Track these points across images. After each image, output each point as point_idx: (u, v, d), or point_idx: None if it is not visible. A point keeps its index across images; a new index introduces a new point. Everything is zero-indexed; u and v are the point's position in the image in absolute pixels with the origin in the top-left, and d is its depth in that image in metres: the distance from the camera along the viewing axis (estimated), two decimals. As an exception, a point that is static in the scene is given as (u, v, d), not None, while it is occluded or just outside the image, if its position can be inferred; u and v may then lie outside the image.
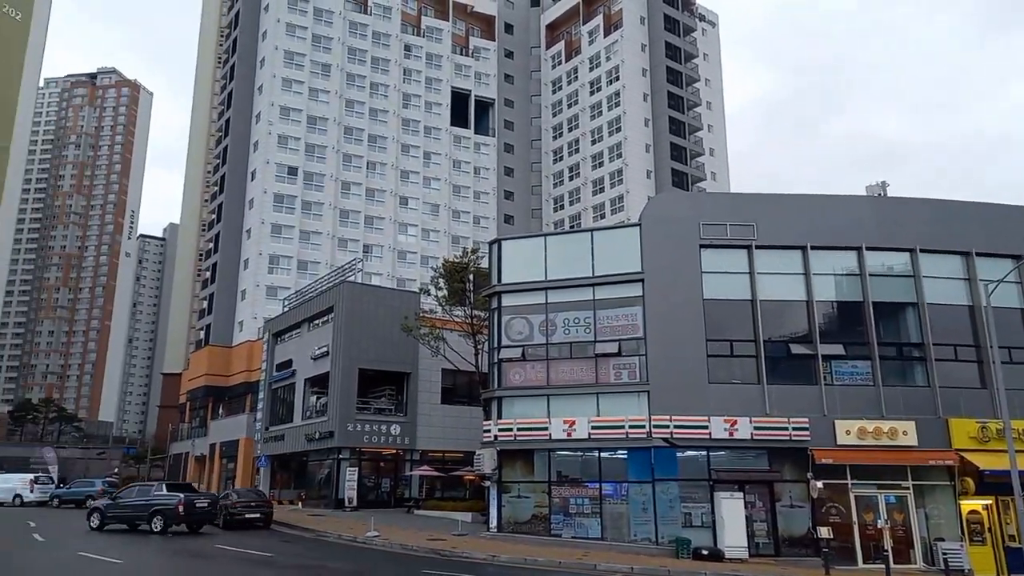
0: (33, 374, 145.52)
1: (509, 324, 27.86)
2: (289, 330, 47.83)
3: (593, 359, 26.46)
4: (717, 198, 39.62)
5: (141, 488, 28.36)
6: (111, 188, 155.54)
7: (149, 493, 26.96)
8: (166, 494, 26.45)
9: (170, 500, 25.96)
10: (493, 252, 29.10)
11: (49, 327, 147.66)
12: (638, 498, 25.26)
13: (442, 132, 76.17)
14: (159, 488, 27.34)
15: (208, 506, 27.42)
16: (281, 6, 69.57)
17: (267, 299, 61.93)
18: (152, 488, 27.68)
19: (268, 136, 66.47)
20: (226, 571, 18.93)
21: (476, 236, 71.52)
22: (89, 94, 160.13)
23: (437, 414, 41.42)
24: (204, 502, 27.19)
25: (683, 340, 25.43)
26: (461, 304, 37.09)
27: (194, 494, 27.53)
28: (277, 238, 64.88)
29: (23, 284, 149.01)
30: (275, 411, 47.82)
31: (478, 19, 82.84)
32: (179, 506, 25.61)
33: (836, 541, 23.22)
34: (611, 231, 30.97)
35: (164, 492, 26.70)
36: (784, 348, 25.91)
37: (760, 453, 25.11)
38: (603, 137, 77.18)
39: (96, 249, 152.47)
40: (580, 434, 25.77)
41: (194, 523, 26.68)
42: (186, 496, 26.35)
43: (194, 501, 26.45)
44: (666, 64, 77.67)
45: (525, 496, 26.94)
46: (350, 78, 72.05)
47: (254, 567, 19.14)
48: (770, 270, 26.32)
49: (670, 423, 24.81)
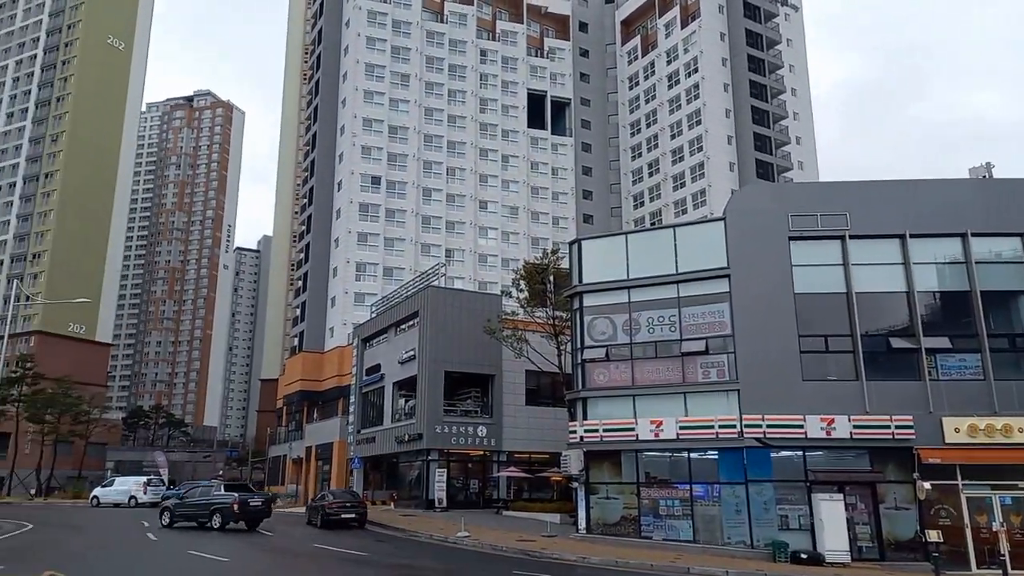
0: (144, 382, 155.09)
1: (592, 324, 27.66)
2: (377, 335, 49.08)
3: (679, 358, 25.93)
4: (806, 188, 38.16)
5: (203, 489, 30.31)
6: (209, 204, 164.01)
7: (209, 493, 28.93)
8: (223, 494, 28.32)
9: (227, 499, 27.70)
10: (573, 252, 28.97)
11: (157, 338, 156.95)
12: (731, 500, 24.57)
13: (519, 135, 76.55)
14: (218, 488, 29.37)
15: (262, 504, 28.85)
16: (361, 20, 71.62)
17: (355, 305, 63.80)
18: (212, 488, 29.70)
19: (352, 147, 68.52)
20: (327, 569, 19.60)
21: (555, 237, 71.49)
22: (187, 116, 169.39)
23: (522, 415, 41.57)
24: (258, 501, 28.71)
25: (774, 336, 24.58)
26: (542, 305, 37.10)
27: (248, 494, 29.20)
28: (363, 246, 66.77)
29: (133, 298, 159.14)
30: (366, 414, 49.16)
31: (552, 20, 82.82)
32: (234, 504, 27.25)
33: (946, 545, 21.89)
34: (694, 226, 30.25)
35: (222, 492, 28.61)
36: (883, 342, 24.66)
37: (860, 453, 23.98)
38: (683, 131, 75.71)
39: (197, 263, 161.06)
40: (668, 434, 25.30)
41: (249, 520, 28.11)
42: (240, 495, 28.02)
43: (248, 500, 28.05)
44: (747, 52, 75.45)
45: (613, 497, 26.66)
46: (428, 86, 73.41)
47: (353, 566, 19.72)
48: (865, 261, 25.09)
49: (762, 422, 24.03)
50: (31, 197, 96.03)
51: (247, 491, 29.50)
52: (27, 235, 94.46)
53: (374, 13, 72.18)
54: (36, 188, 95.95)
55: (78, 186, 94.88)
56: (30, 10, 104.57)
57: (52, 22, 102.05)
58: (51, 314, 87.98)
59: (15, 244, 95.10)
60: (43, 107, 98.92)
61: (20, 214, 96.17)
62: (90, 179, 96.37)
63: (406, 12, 73.69)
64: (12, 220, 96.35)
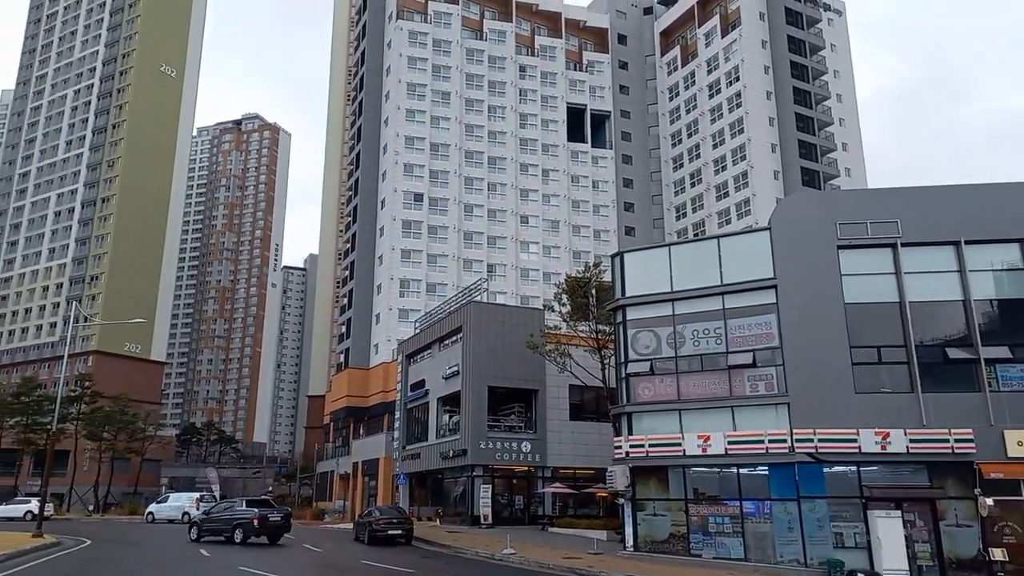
0: (196, 399, 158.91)
1: (635, 338, 27.37)
2: (421, 351, 49.43)
3: (726, 371, 25.48)
4: (854, 195, 37.29)
5: (228, 505, 31.95)
6: (257, 224, 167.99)
7: (233, 509, 30.39)
8: (244, 510, 29.70)
9: (247, 515, 29.00)
10: (615, 265, 28.77)
11: (208, 356, 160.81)
12: (783, 516, 23.94)
13: (559, 148, 76.66)
14: (240, 504, 30.87)
15: (281, 519, 29.80)
16: (402, 41, 72.81)
17: (399, 322, 64.38)
18: (235, 504, 31.28)
19: (394, 165, 69.48)
20: (371, 586, 19.64)
21: (597, 250, 71.20)
22: (236, 139, 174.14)
23: (566, 431, 41.32)
24: (277, 516, 29.75)
25: (824, 348, 23.99)
26: (585, 319, 36.89)
27: (268, 509, 30.25)
28: (407, 262, 67.46)
29: (186, 317, 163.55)
30: (411, 430, 49.45)
31: (591, 33, 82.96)
32: (254, 520, 28.49)
33: (1012, 564, 20.98)
34: (739, 236, 29.79)
35: (244, 508, 30.01)
36: (939, 353, 23.84)
37: (918, 468, 23.18)
38: (725, 140, 74.86)
39: (246, 282, 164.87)
40: (716, 450, 24.82)
41: (269, 534, 29.07)
42: (260, 511, 29.25)
43: (267, 515, 29.16)
44: (790, 59, 74.41)
45: (661, 514, 26.23)
46: (468, 103, 74.12)
47: (397, 583, 19.73)
48: (919, 269, 24.36)
49: (814, 437, 23.42)
50: (89, 221, 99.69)
51: (267, 507, 30.75)
52: (85, 258, 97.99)
53: (415, 33, 73.33)
54: (94, 212, 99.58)
55: (133, 210, 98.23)
56: (87, 42, 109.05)
57: (107, 52, 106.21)
58: (108, 334, 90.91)
59: (74, 267, 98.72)
60: (99, 134, 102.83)
61: (79, 238, 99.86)
62: (144, 203, 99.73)
63: (446, 31, 74.68)
64: (71, 244, 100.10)
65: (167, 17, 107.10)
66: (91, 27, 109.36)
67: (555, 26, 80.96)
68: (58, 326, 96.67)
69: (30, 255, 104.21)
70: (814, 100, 75.36)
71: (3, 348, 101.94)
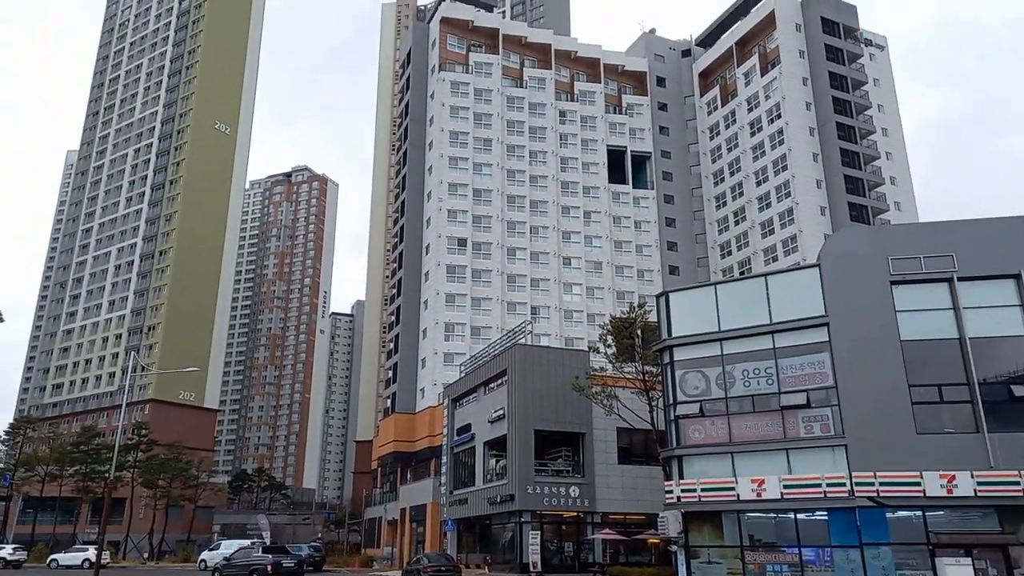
0: (247, 446, 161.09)
1: (683, 379, 26.95)
2: (466, 395, 49.39)
3: (779, 412, 24.83)
4: (906, 229, 36.39)
5: (246, 551, 35.20)
6: (306, 272, 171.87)
7: (250, 555, 33.49)
8: (260, 555, 32.87)
9: (263, 561, 32.04)
10: (661, 305, 28.54)
11: (259, 402, 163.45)
12: (845, 565, 22.94)
13: (600, 190, 77.01)
14: (256, 550, 34.11)
15: (294, 566, 32.85)
16: (445, 91, 74.68)
17: (445, 366, 64.60)
18: (253, 551, 34.52)
19: (439, 212, 70.63)
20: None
21: (641, 290, 70.77)
22: (286, 191, 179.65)
23: (615, 475, 40.53)
24: (290, 563, 32.90)
25: (881, 387, 23.24)
26: (631, 360, 36.46)
27: (282, 555, 33.30)
28: (451, 306, 67.97)
29: (238, 365, 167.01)
30: (458, 475, 49.14)
31: (630, 77, 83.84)
32: (268, 566, 31.29)
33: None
34: (787, 274, 29.30)
35: (259, 554, 33.17)
36: (1004, 390, 22.87)
37: (987, 512, 22.07)
38: (768, 177, 74.23)
39: (296, 329, 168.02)
40: (771, 494, 24.06)
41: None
42: (274, 557, 32.30)
43: (281, 561, 32.27)
44: (832, 95, 73.82)
45: (716, 561, 25.40)
46: (510, 149, 75.26)
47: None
48: (978, 304, 23.57)
49: (875, 480, 22.56)
50: (147, 274, 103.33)
51: (282, 552, 33.67)
52: (143, 309, 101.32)
53: (456, 83, 75.18)
54: (152, 265, 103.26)
55: (189, 262, 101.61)
56: (147, 103, 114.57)
57: (165, 112, 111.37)
58: (163, 382, 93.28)
59: (132, 318, 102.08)
60: (157, 190, 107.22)
61: (137, 290, 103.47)
62: (199, 255, 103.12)
63: (487, 80, 76.37)
64: (130, 296, 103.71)
65: (221, 77, 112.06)
66: (150, 89, 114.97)
67: (594, 71, 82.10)
68: (116, 376, 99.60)
69: (91, 307, 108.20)
70: (859, 135, 74.38)
71: (64, 398, 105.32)
